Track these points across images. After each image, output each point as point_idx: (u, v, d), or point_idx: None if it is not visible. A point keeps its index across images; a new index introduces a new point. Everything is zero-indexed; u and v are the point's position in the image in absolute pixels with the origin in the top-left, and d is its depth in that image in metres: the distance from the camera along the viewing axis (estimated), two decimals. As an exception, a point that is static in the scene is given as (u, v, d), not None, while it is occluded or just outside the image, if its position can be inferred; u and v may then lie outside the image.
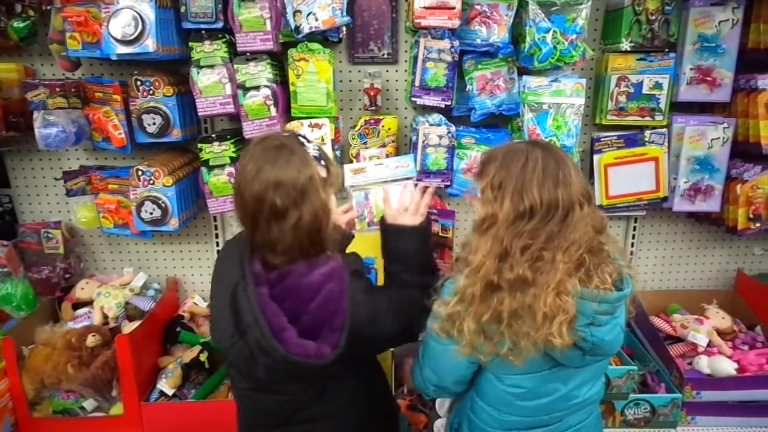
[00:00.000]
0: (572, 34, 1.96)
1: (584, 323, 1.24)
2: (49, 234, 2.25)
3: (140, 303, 2.26)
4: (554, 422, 1.41)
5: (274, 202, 1.24)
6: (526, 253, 1.21)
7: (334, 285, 1.28)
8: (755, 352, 2.17)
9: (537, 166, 1.24)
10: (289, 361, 1.21)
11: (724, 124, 2.14)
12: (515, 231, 1.22)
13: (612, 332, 1.28)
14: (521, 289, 1.21)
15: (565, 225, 1.22)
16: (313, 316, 1.26)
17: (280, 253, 1.29)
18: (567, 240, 1.21)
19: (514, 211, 1.22)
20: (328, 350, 1.24)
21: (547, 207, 1.21)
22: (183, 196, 2.14)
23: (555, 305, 1.19)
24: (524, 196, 1.22)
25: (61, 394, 2.07)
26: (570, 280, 1.20)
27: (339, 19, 1.98)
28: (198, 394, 2.10)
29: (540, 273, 1.21)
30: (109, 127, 2.05)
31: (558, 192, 1.22)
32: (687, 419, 2.12)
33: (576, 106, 2.05)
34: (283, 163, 1.26)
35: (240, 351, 1.26)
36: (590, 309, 1.23)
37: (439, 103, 2.06)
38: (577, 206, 1.23)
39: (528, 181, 1.23)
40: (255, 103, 2.00)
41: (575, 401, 1.39)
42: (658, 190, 2.23)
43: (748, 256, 2.55)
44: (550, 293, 1.19)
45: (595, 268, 1.23)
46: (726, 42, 2.09)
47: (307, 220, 1.27)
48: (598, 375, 1.43)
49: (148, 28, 1.84)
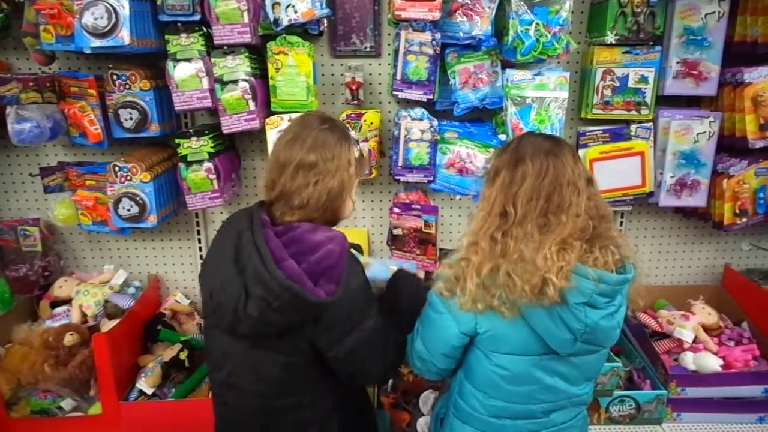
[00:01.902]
0: (555, 27, 1.93)
1: (580, 301, 1.23)
2: (26, 231, 2.22)
3: (120, 301, 2.23)
4: (540, 416, 1.39)
5: (308, 155, 1.34)
6: (531, 213, 1.27)
7: (335, 246, 1.31)
8: (741, 348, 2.16)
9: (528, 143, 1.35)
10: (285, 288, 1.21)
11: (710, 118, 2.11)
12: (513, 193, 1.30)
13: (608, 320, 1.27)
14: (525, 243, 1.26)
15: (560, 184, 1.28)
16: (312, 266, 1.28)
17: (296, 207, 1.36)
18: (565, 201, 1.27)
19: (510, 179, 1.31)
20: (323, 294, 1.26)
21: (537, 170, 1.29)
22: (161, 192, 2.10)
23: (557, 254, 1.22)
24: (517, 166, 1.31)
25: (38, 394, 2.04)
26: (576, 242, 1.24)
27: (318, 11, 1.95)
28: (178, 393, 2.07)
29: (546, 232, 1.26)
30: (84, 122, 2.01)
31: (548, 159, 1.30)
32: (672, 416, 2.10)
33: (560, 100, 2.02)
34: (327, 130, 1.39)
35: (231, 295, 1.27)
36: (588, 287, 1.23)
37: (420, 96, 2.02)
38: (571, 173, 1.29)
39: (520, 155, 1.32)
40: (233, 97, 1.96)
41: (563, 395, 1.38)
42: (644, 185, 2.21)
43: (736, 251, 2.54)
44: (555, 246, 1.23)
45: (600, 248, 1.26)
46: (712, 35, 2.06)
47: (330, 184, 1.36)
48: (588, 375, 1.41)
49: (122, 20, 1.80)
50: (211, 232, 2.41)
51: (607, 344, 1.37)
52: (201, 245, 2.41)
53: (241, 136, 2.29)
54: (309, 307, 1.26)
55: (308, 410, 1.43)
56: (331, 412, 1.46)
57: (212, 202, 2.08)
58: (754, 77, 2.02)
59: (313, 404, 1.43)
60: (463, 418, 1.46)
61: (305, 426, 1.44)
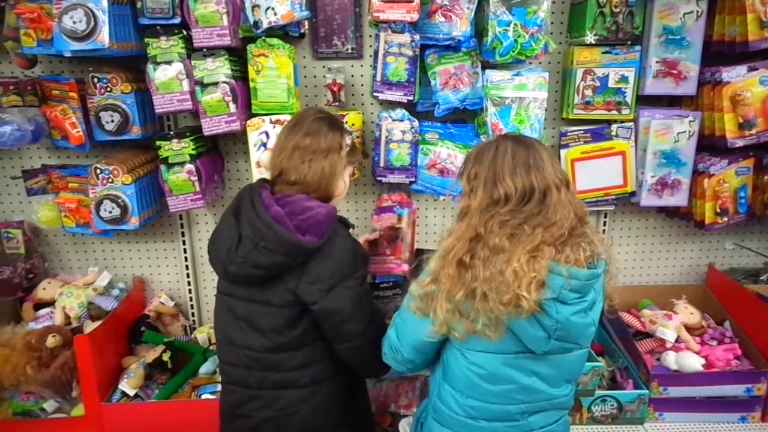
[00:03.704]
0: (533, 27, 1.94)
1: (549, 296, 1.23)
2: (9, 234, 2.23)
3: (103, 303, 2.23)
4: (518, 418, 1.38)
5: (303, 139, 1.54)
6: (504, 227, 1.25)
7: (323, 209, 1.48)
8: (723, 348, 2.16)
9: (507, 154, 1.30)
10: (268, 226, 1.40)
11: (690, 118, 2.12)
12: (489, 214, 1.27)
13: (580, 316, 1.27)
14: (494, 257, 1.24)
15: (545, 206, 1.26)
16: (300, 222, 1.45)
17: (292, 183, 1.53)
18: (548, 220, 1.25)
19: (488, 199, 1.28)
20: (303, 238, 1.42)
21: (521, 192, 1.26)
22: (144, 194, 2.11)
23: (527, 265, 1.21)
24: (497, 184, 1.28)
25: (20, 396, 2.04)
26: (546, 248, 1.23)
27: (298, 13, 1.96)
28: (160, 395, 2.08)
29: (517, 242, 1.24)
30: (66, 125, 2.02)
31: (531, 176, 1.27)
32: (654, 415, 2.10)
33: (539, 100, 2.03)
34: (321, 120, 1.59)
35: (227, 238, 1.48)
36: (558, 283, 1.23)
37: (400, 97, 2.03)
38: (554, 188, 1.27)
39: (500, 169, 1.29)
40: (213, 99, 1.97)
41: (541, 396, 1.37)
42: (625, 185, 2.21)
43: (720, 250, 2.54)
44: (524, 255, 1.22)
45: (572, 246, 1.25)
46: (691, 34, 2.07)
47: (322, 163, 1.54)
48: (567, 377, 1.40)
49: (101, 23, 1.80)
50: (195, 233, 2.42)
51: (582, 342, 1.36)
52: (186, 247, 2.41)
53: (223, 138, 2.30)
54: (291, 248, 1.41)
55: (294, 373, 1.53)
56: (319, 381, 1.54)
57: (194, 204, 2.09)
58: (732, 76, 2.02)
59: (301, 367, 1.53)
60: (441, 419, 1.45)
61: (294, 386, 1.53)
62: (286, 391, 1.54)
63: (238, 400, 1.58)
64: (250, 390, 1.56)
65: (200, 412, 1.97)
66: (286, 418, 1.54)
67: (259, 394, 1.55)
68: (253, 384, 1.55)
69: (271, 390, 1.54)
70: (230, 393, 1.62)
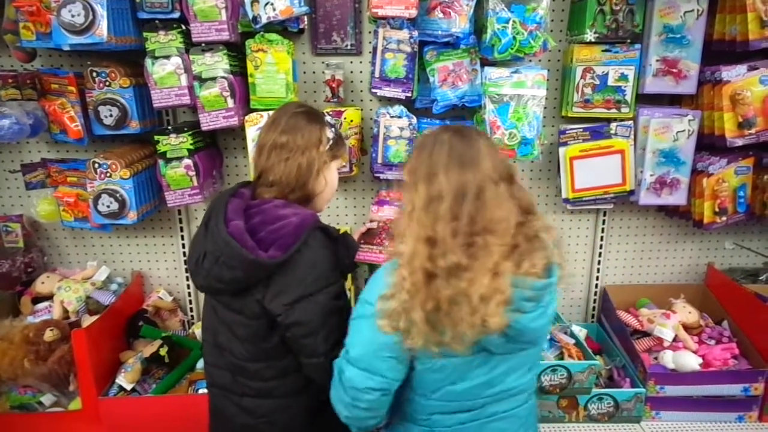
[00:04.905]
0: (532, 24, 1.93)
1: (509, 309, 1.22)
2: (8, 228, 2.23)
3: (101, 297, 2.24)
4: (477, 408, 1.36)
5: (280, 137, 1.49)
6: (457, 237, 1.20)
7: (296, 219, 1.42)
8: (720, 347, 2.16)
9: (443, 149, 1.25)
10: (225, 243, 1.36)
11: (689, 117, 2.11)
12: (434, 214, 1.21)
13: (537, 320, 1.26)
14: (456, 275, 1.20)
15: (482, 203, 1.21)
16: (269, 234, 1.40)
17: (270, 184, 1.49)
18: (492, 220, 1.20)
19: (427, 196, 1.22)
20: (263, 255, 1.36)
21: (455, 190, 1.21)
22: (142, 188, 2.11)
23: (492, 286, 1.18)
24: (432, 180, 1.22)
25: (18, 389, 2.05)
26: (505, 263, 1.20)
27: (297, 8, 1.95)
28: (157, 389, 2.08)
29: (475, 258, 1.20)
30: (65, 119, 2.02)
31: (465, 172, 1.22)
32: (651, 414, 2.10)
33: (537, 98, 2.02)
34: (300, 114, 1.54)
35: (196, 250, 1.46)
36: (518, 295, 1.22)
37: (398, 94, 2.03)
38: (491, 184, 1.22)
39: (435, 164, 1.23)
40: (211, 94, 1.97)
41: (499, 388, 1.35)
42: (624, 184, 2.21)
43: (719, 250, 2.53)
44: (487, 275, 1.18)
45: (528, 254, 1.23)
46: (691, 33, 2.06)
47: (299, 160, 1.48)
48: (526, 365, 1.38)
49: (99, 17, 1.81)
50: (193, 228, 2.42)
51: (540, 341, 1.37)
52: (184, 242, 2.42)
53: (222, 133, 2.30)
54: (249, 265, 1.36)
55: (273, 382, 1.50)
56: (297, 393, 1.52)
57: (192, 199, 2.09)
58: (732, 75, 2.02)
59: (277, 377, 1.50)
60: (404, 418, 1.43)
61: (272, 395, 1.51)
62: (265, 400, 1.52)
63: (221, 404, 1.58)
64: (233, 396, 1.54)
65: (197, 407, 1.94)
66: (265, 427, 1.53)
67: (241, 401, 1.53)
68: (237, 390, 1.53)
69: (254, 398, 1.52)
70: (214, 396, 1.62)
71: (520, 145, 2.04)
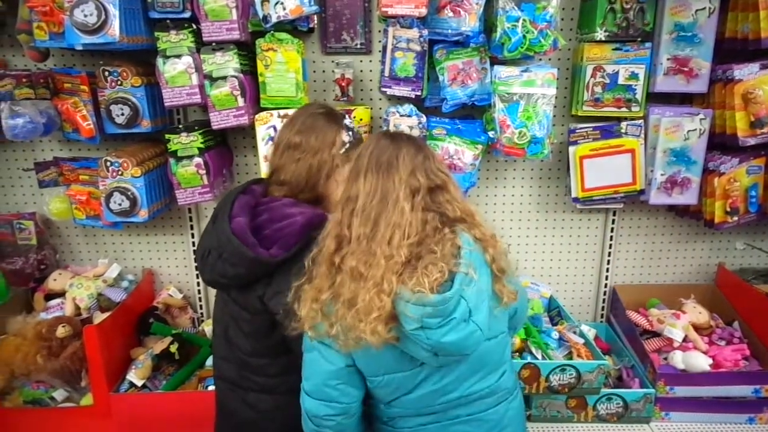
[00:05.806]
0: (542, 23, 1.93)
1: (414, 327, 1.18)
2: (21, 225, 2.26)
3: (112, 294, 2.26)
4: (438, 411, 1.35)
5: (295, 136, 1.49)
6: (361, 243, 1.22)
7: (301, 218, 1.41)
8: (731, 348, 2.14)
9: (370, 151, 1.30)
10: (227, 240, 1.37)
11: (701, 116, 2.10)
12: (348, 212, 1.26)
13: (451, 334, 1.18)
14: (355, 280, 1.22)
15: (384, 210, 1.23)
16: (274, 233, 1.41)
17: (281, 183, 1.50)
18: (389, 228, 1.21)
19: (346, 195, 1.28)
20: (265, 253, 1.37)
21: (366, 192, 1.25)
22: (153, 187, 2.13)
23: (371, 302, 1.18)
24: (355, 180, 1.28)
25: (31, 385, 2.08)
26: (391, 277, 1.19)
27: (307, 8, 1.96)
28: (168, 386, 2.10)
29: (369, 267, 1.21)
30: (77, 117, 2.05)
31: (379, 178, 1.25)
32: (660, 414, 2.09)
33: (547, 97, 2.02)
34: (319, 115, 1.54)
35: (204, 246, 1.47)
36: (418, 312, 1.16)
37: (408, 93, 2.03)
38: (400, 193, 1.23)
39: (360, 165, 1.29)
40: (222, 93, 1.98)
41: (456, 394, 1.32)
42: (634, 183, 2.20)
43: (730, 250, 2.51)
44: (371, 289, 1.18)
45: (422, 268, 1.19)
46: (703, 31, 2.05)
47: (310, 161, 1.48)
48: (480, 371, 1.33)
49: (111, 17, 1.82)
50: (203, 226, 2.42)
51: (471, 350, 1.25)
52: (194, 240, 2.43)
53: (232, 132, 2.31)
54: (251, 262, 1.37)
55: (276, 379, 1.52)
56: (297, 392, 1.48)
57: (202, 197, 2.11)
58: (744, 74, 2.00)
59: (281, 374, 1.51)
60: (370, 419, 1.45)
61: (274, 392, 1.53)
62: (268, 396, 1.53)
63: (227, 399, 1.60)
64: (239, 390, 1.55)
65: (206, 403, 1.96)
66: (265, 423, 1.55)
67: (246, 396, 1.55)
68: (242, 384, 1.55)
69: (258, 393, 1.53)
70: (220, 390, 1.63)
71: (529, 144, 2.04)
